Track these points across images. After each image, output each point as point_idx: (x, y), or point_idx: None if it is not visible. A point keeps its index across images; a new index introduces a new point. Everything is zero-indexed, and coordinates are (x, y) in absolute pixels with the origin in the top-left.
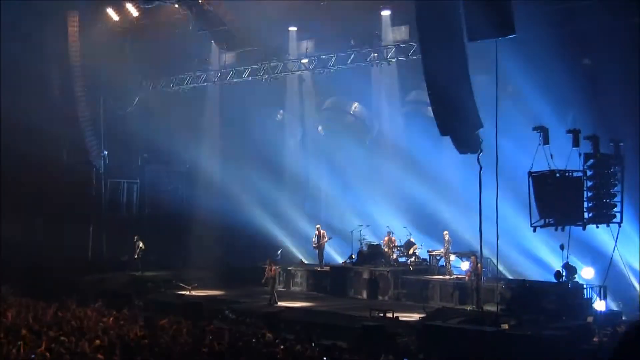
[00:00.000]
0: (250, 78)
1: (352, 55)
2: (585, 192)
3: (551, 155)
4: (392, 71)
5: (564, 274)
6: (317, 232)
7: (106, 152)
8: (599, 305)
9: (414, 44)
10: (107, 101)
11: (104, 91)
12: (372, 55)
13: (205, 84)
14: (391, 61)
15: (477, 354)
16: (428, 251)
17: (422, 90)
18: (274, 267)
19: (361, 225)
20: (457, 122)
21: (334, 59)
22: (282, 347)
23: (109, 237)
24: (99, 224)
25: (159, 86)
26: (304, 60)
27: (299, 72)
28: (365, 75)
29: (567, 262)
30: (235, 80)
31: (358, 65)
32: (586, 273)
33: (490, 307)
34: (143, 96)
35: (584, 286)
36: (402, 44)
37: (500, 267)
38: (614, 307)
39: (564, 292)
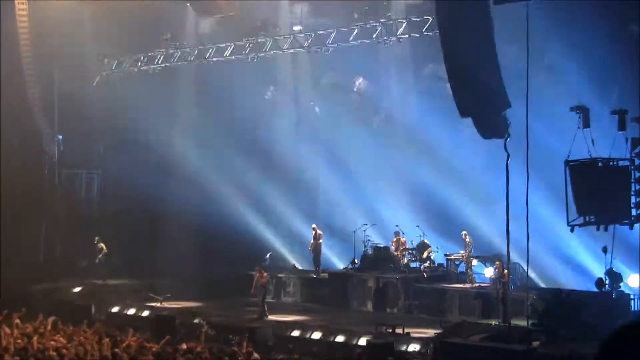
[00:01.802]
0: (233, 57)
1: (356, 31)
2: (633, 185)
3: (592, 141)
4: (404, 41)
5: (607, 281)
6: (313, 233)
7: (61, 137)
8: None
9: (429, 17)
10: (63, 81)
11: (58, 69)
12: (380, 30)
13: (179, 63)
14: (402, 38)
15: None
16: (445, 255)
17: (439, 63)
18: (264, 274)
19: (366, 225)
20: (480, 101)
21: (333, 34)
22: None
23: (65, 238)
24: (52, 223)
25: (124, 65)
26: (297, 28)
27: (292, 51)
28: (371, 44)
29: (611, 268)
30: (215, 59)
31: (363, 42)
32: (633, 281)
33: (520, 322)
34: (105, 76)
35: (631, 296)
36: (415, 17)
37: (531, 274)
38: None
39: (607, 303)
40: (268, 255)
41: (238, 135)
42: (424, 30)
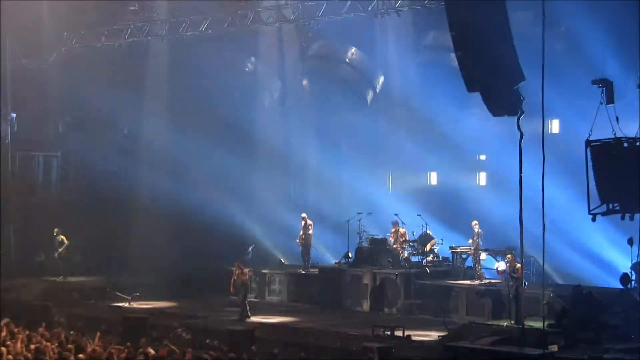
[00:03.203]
0: (210, 31)
1: (349, 3)
2: None
3: (617, 118)
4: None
5: (633, 278)
6: (302, 223)
7: (14, 115)
8: None
9: None
10: (16, 55)
11: (10, 42)
12: (376, 2)
13: (149, 37)
14: (401, 10)
15: None
16: (451, 247)
17: (443, 31)
18: (245, 270)
19: (361, 214)
20: (490, 74)
21: (324, 7)
22: None
23: (20, 229)
24: (5, 212)
25: (86, 39)
26: None
27: (276, 25)
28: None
29: (638, 262)
30: (189, 33)
31: (357, 15)
32: None
33: (534, 323)
34: (64, 51)
35: None
36: None
37: (548, 269)
38: None
39: (633, 302)
40: (250, 249)
41: (215, 113)
42: (425, 1)
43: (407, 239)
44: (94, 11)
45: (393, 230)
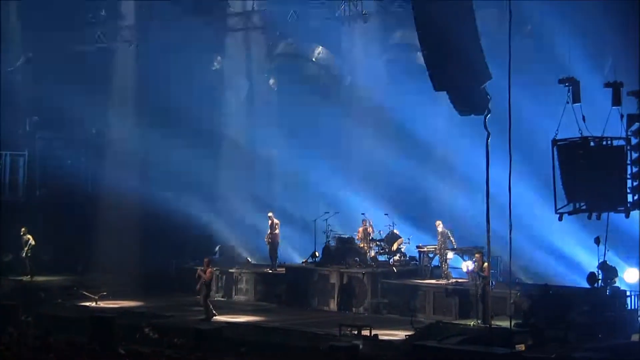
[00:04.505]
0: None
1: (316, 11)
2: (629, 167)
3: (583, 118)
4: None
5: (600, 277)
6: (269, 222)
7: None
8: None
9: None
10: None
11: None
12: (342, 8)
13: (117, 43)
14: (366, 15)
15: None
16: (417, 247)
17: (410, 29)
18: (208, 269)
19: (328, 212)
20: (457, 73)
21: (290, 14)
22: None
23: None
24: None
25: (54, 45)
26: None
27: (244, 30)
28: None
29: (605, 262)
30: (157, 39)
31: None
32: (630, 276)
33: (502, 322)
34: (31, 56)
35: (628, 293)
36: None
37: (515, 268)
38: None
39: (600, 300)
40: (217, 248)
41: (181, 111)
42: (393, 8)
43: (374, 238)
44: (62, 16)
45: (361, 229)
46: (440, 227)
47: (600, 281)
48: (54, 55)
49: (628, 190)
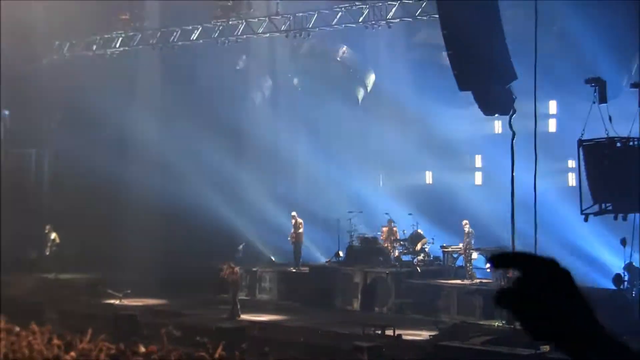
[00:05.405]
0: (201, 40)
1: (340, 14)
2: None
3: (609, 118)
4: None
5: (625, 278)
6: (293, 222)
7: (7, 113)
8: None
9: None
10: (9, 56)
11: (3, 44)
12: (367, 13)
13: (140, 46)
14: (392, 22)
15: None
16: (442, 247)
17: (435, 29)
18: (236, 269)
19: (352, 212)
20: (482, 73)
21: (314, 17)
22: None
23: (11, 226)
24: None
25: (77, 48)
26: (273, 8)
27: (267, 35)
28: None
29: (631, 263)
30: (180, 43)
31: (347, 26)
32: None
33: None
34: (56, 59)
35: None
36: None
37: None
38: None
39: (625, 303)
40: (241, 247)
41: (205, 111)
42: (417, 14)
43: (398, 238)
44: (86, 20)
45: (385, 229)
46: (467, 226)
47: (626, 283)
48: (80, 54)
49: None
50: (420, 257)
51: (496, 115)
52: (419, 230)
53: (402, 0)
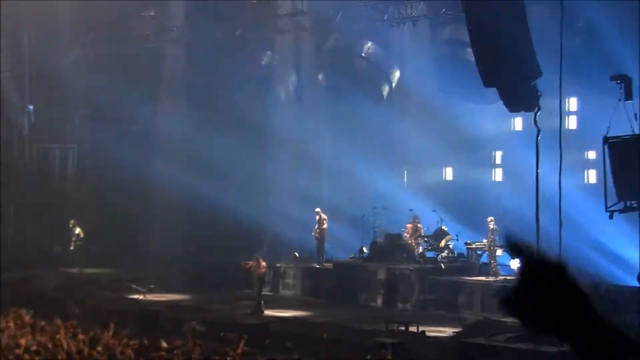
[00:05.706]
0: (226, 37)
1: (364, 12)
2: None
3: (635, 115)
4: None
5: None
6: (317, 217)
7: (32, 108)
8: None
9: None
10: (35, 52)
11: (29, 39)
12: (391, 11)
13: (166, 42)
14: (417, 20)
15: None
16: (466, 243)
17: (460, 25)
18: (263, 264)
19: (376, 208)
20: (507, 69)
21: (339, 15)
22: None
23: (36, 221)
24: (22, 204)
25: (103, 46)
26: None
27: (293, 31)
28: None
29: None
30: (205, 40)
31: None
32: None
33: None
34: (81, 55)
35: None
36: None
37: None
38: None
39: None
40: (265, 242)
41: (230, 106)
42: (442, 12)
43: (423, 234)
44: (111, 17)
45: (409, 225)
46: (491, 224)
47: None
48: (105, 51)
49: None
50: (444, 254)
51: (521, 111)
52: (443, 227)
53: None
